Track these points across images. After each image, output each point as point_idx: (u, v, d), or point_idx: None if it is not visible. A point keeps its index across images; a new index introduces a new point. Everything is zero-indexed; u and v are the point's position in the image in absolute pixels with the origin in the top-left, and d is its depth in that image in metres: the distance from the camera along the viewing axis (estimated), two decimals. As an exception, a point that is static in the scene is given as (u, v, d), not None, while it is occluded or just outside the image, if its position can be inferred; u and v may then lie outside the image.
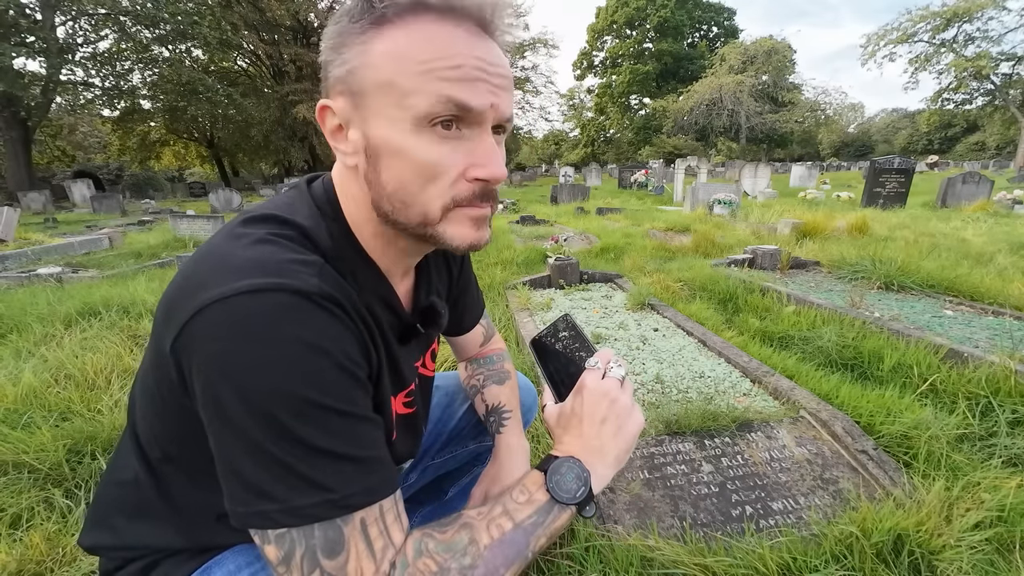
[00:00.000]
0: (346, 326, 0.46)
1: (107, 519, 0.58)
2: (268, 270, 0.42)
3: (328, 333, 0.43)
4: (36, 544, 1.10)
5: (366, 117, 0.46)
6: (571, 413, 0.59)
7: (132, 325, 2.47)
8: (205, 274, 0.43)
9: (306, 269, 0.44)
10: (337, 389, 0.43)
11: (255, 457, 0.41)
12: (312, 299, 0.42)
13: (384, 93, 0.44)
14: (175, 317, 0.43)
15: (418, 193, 0.47)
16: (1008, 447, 1.41)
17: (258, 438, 0.40)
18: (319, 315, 0.43)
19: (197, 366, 0.41)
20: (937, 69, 30.35)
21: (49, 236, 6.63)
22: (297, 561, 0.42)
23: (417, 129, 0.44)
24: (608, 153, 45.80)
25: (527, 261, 4.23)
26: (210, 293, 0.41)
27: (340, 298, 0.45)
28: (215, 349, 0.40)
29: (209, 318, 0.40)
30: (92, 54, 17.36)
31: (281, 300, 0.41)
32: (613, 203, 9.56)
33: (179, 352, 0.43)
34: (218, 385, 0.40)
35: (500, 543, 0.49)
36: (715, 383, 1.91)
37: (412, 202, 0.47)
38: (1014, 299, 2.69)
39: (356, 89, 0.46)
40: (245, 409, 0.40)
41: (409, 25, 0.44)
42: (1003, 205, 7.41)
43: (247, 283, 0.41)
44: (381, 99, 0.45)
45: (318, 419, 0.41)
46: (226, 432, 0.41)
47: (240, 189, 17.60)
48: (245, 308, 0.40)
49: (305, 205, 0.52)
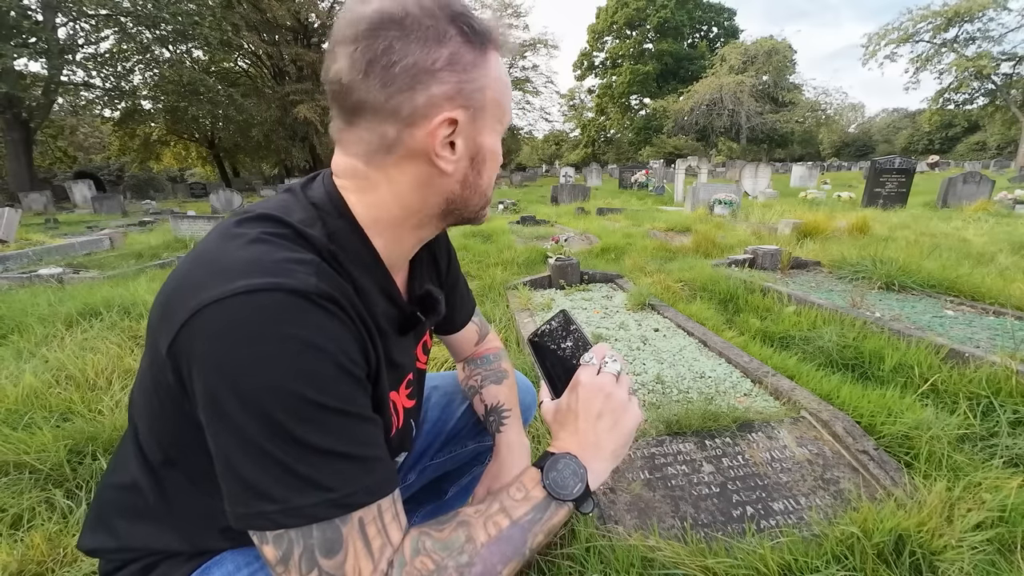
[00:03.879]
0: (344, 325, 0.46)
1: (107, 521, 0.58)
2: (265, 270, 0.43)
3: (326, 332, 0.43)
4: (37, 544, 1.10)
5: (481, 129, 0.53)
6: (567, 409, 0.60)
7: (133, 326, 2.47)
8: (201, 275, 0.43)
9: (303, 268, 0.44)
10: (336, 388, 0.43)
11: (254, 457, 0.41)
12: (310, 298, 0.43)
13: (496, 109, 0.54)
14: (171, 319, 0.43)
15: (492, 184, 0.59)
16: (1009, 447, 1.41)
17: (257, 438, 0.40)
18: (317, 314, 0.43)
19: (196, 368, 0.41)
20: (938, 69, 30.33)
21: (50, 237, 6.64)
22: (295, 561, 0.42)
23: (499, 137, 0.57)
24: (609, 153, 45.77)
25: (528, 261, 4.23)
26: (207, 294, 0.41)
27: (338, 297, 0.45)
28: (213, 350, 0.40)
29: (207, 319, 0.41)
30: (93, 55, 17.39)
31: (278, 300, 0.41)
32: (614, 203, 9.57)
33: (176, 354, 0.43)
34: (217, 386, 0.40)
35: (497, 540, 0.49)
36: (716, 383, 1.90)
37: (488, 191, 0.59)
38: (1015, 299, 2.69)
39: (478, 105, 0.52)
40: (244, 409, 0.40)
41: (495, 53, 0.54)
42: (1004, 205, 7.40)
43: (244, 283, 0.41)
44: (494, 114, 0.54)
45: (317, 418, 0.42)
46: (225, 433, 0.41)
47: (241, 190, 17.64)
48: (243, 308, 0.40)
49: (299, 205, 0.52)
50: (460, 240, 4.99)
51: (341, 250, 0.51)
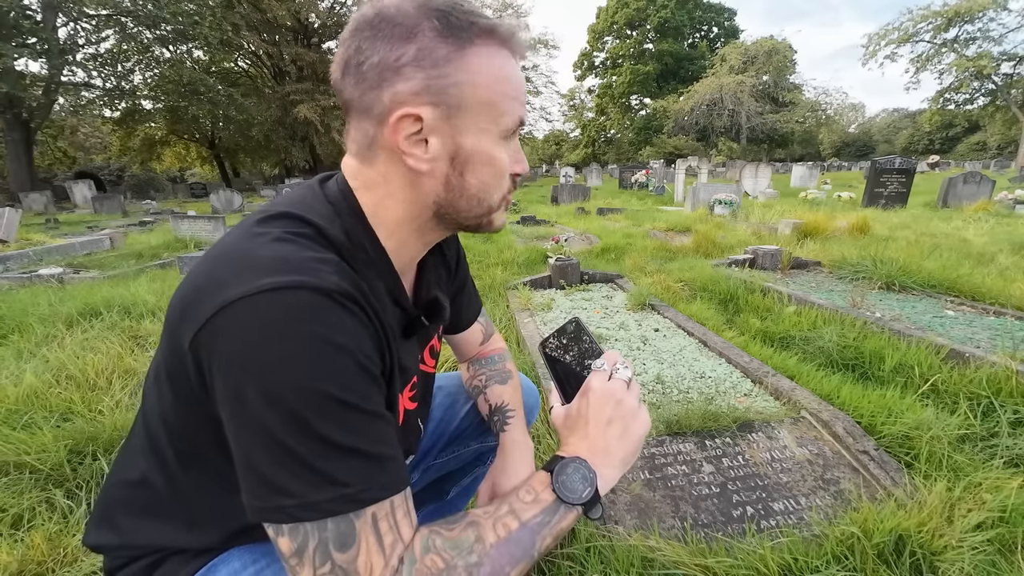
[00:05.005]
0: (363, 324, 0.47)
1: (112, 518, 0.58)
2: (290, 268, 0.43)
3: (348, 331, 0.44)
4: (37, 544, 1.11)
5: (460, 128, 0.51)
6: (577, 415, 0.60)
7: (133, 326, 2.47)
8: (225, 273, 0.44)
9: (325, 267, 0.45)
10: (356, 386, 0.44)
11: (274, 453, 0.41)
12: (333, 297, 0.43)
13: (485, 110, 0.51)
14: (195, 314, 0.43)
15: (493, 191, 0.55)
16: (1010, 448, 1.41)
17: (278, 433, 0.41)
18: (340, 313, 0.44)
19: (218, 362, 0.42)
20: (938, 69, 30.30)
21: (50, 237, 6.64)
22: (309, 554, 0.42)
23: (502, 140, 0.53)
24: (609, 153, 45.74)
25: (528, 261, 4.23)
26: (233, 291, 0.41)
27: (357, 296, 0.46)
28: (238, 346, 0.41)
29: (233, 315, 0.41)
30: (93, 55, 17.39)
31: (303, 298, 0.42)
32: (614, 203, 9.56)
33: (199, 348, 0.43)
34: (240, 381, 0.41)
35: (506, 542, 0.49)
36: (716, 383, 1.90)
37: (486, 198, 0.55)
38: (1015, 299, 2.69)
39: (453, 102, 0.49)
40: (267, 405, 0.40)
41: (491, 48, 0.50)
42: (1004, 205, 7.40)
43: (270, 281, 0.41)
44: (481, 114, 0.51)
45: (337, 415, 0.42)
46: (247, 428, 0.42)
47: (241, 190, 17.61)
48: (268, 306, 0.41)
49: (319, 203, 0.53)
50: (460, 240, 4.95)
51: (356, 249, 0.52)
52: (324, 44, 25.74)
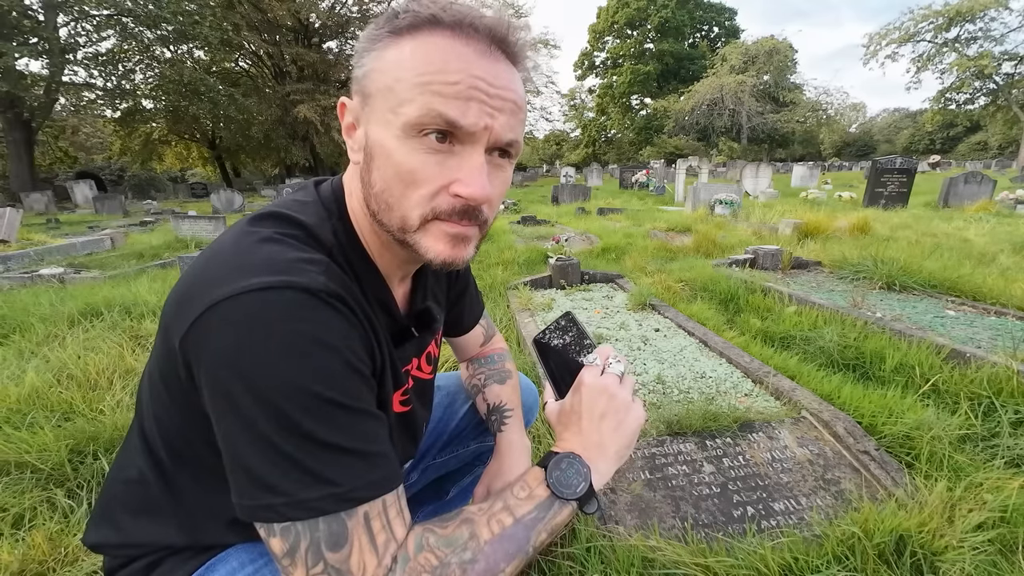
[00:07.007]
0: (352, 323, 0.47)
1: (112, 517, 0.59)
2: (277, 268, 0.44)
3: (335, 330, 0.44)
4: (38, 544, 1.11)
5: (369, 118, 0.48)
6: (570, 410, 0.60)
7: (134, 325, 2.48)
8: (215, 271, 0.44)
9: (313, 267, 0.46)
10: (344, 385, 0.44)
11: (262, 451, 0.41)
12: (320, 296, 0.44)
13: (384, 97, 0.46)
14: (186, 313, 0.43)
15: (400, 197, 0.47)
16: (1010, 448, 1.41)
17: (266, 432, 0.41)
18: (327, 312, 0.44)
19: (207, 361, 0.42)
20: (939, 69, 30.30)
21: (51, 237, 6.64)
22: (302, 554, 0.42)
23: (405, 136, 0.45)
24: (609, 153, 45.74)
25: (528, 261, 4.23)
26: (221, 290, 0.42)
27: (346, 296, 0.46)
28: (225, 344, 0.41)
29: (220, 314, 0.41)
30: (94, 55, 17.38)
31: (290, 297, 0.42)
32: (614, 203, 9.56)
33: (188, 347, 0.43)
34: (228, 379, 0.41)
35: (501, 538, 0.49)
36: (716, 383, 1.90)
37: (395, 205, 0.48)
38: (1016, 299, 2.68)
39: (367, 91, 0.48)
40: (254, 403, 0.41)
41: (422, 37, 0.45)
42: (1005, 205, 7.39)
43: (257, 281, 0.42)
44: (382, 102, 0.46)
45: (325, 414, 0.42)
46: (234, 426, 0.42)
47: (242, 190, 17.65)
48: (256, 305, 0.41)
49: (312, 205, 0.54)
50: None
51: (344, 251, 0.53)
52: (324, 44, 25.77)
